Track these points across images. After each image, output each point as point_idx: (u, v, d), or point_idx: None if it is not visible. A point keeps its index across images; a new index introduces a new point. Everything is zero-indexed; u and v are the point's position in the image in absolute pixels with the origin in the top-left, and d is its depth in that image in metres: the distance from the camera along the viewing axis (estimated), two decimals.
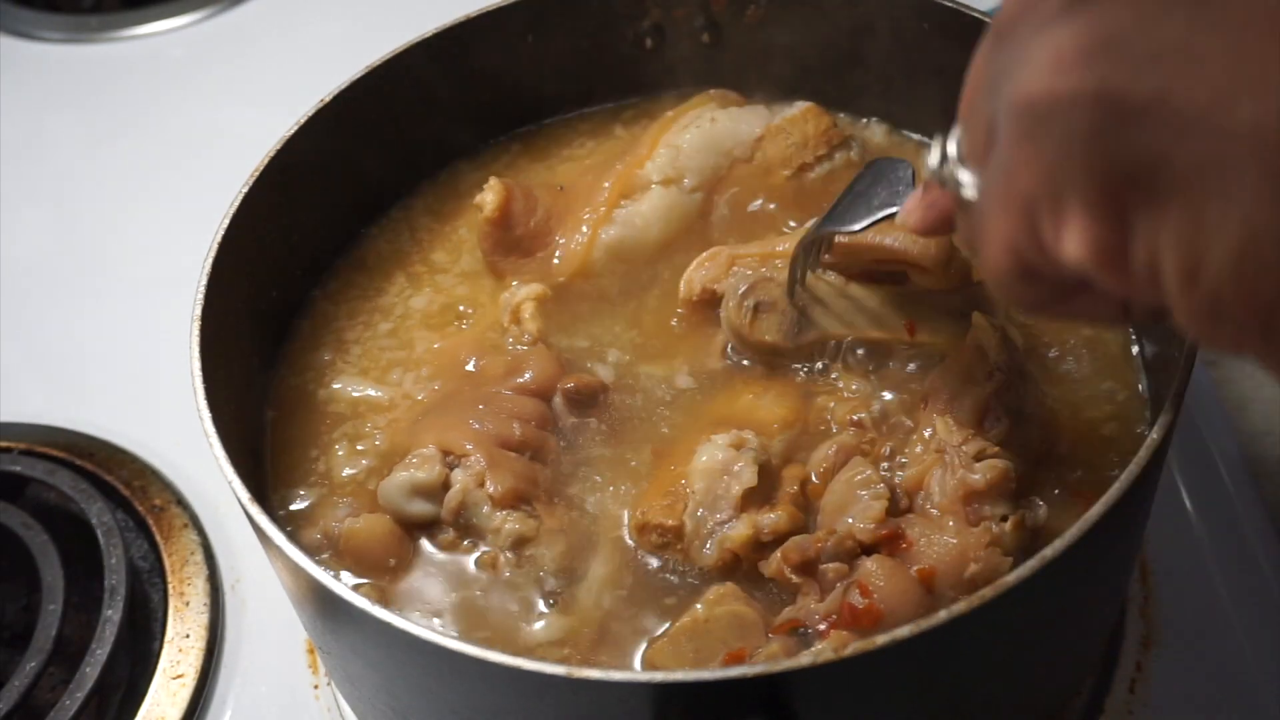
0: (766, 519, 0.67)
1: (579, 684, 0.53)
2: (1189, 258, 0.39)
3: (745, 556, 0.67)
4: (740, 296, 0.74)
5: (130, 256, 1.13)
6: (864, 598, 0.63)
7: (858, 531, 0.65)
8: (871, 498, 0.66)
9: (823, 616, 0.64)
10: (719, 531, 0.67)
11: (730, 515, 0.67)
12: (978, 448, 0.66)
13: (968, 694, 0.63)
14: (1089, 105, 0.39)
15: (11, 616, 0.89)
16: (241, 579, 0.90)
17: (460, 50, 0.88)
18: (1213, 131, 0.37)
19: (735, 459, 0.68)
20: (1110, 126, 0.39)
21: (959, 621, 0.53)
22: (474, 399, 0.75)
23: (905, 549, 0.65)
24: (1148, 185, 0.39)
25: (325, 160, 0.83)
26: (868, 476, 0.67)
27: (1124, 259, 0.41)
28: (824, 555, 0.65)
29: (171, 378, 0.89)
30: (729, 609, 0.65)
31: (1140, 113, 0.38)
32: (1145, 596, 0.84)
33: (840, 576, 0.64)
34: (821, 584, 0.65)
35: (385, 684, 0.65)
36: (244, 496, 0.62)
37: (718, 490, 0.68)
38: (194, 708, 0.83)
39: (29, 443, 0.96)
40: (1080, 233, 0.41)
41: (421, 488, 0.70)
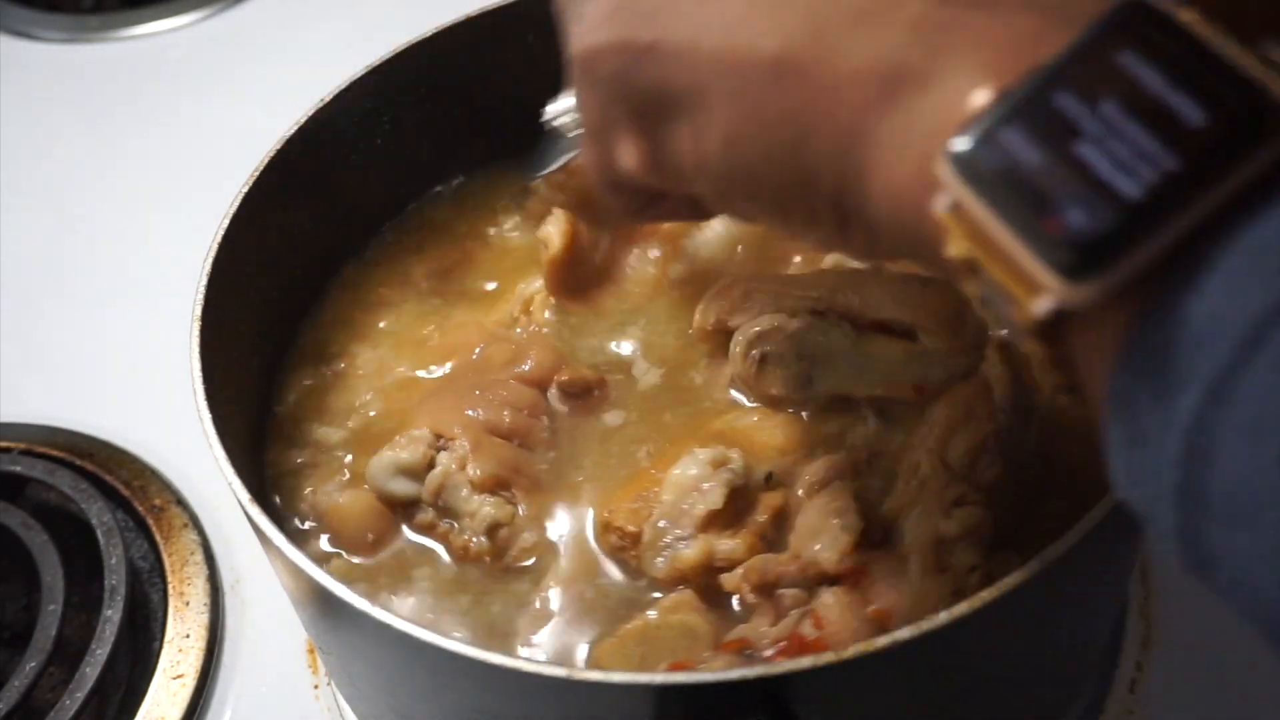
0: (724, 545, 0.65)
1: (579, 685, 0.53)
2: (696, 156, 0.51)
3: (693, 578, 0.66)
4: (747, 345, 0.71)
5: (130, 256, 1.13)
6: (815, 630, 0.61)
7: (823, 560, 0.63)
8: (842, 528, 0.64)
9: (772, 641, 0.63)
10: (675, 547, 0.66)
11: (690, 533, 0.66)
12: (958, 492, 0.63)
13: (968, 694, 0.63)
14: (612, 52, 0.52)
15: (11, 616, 0.89)
16: (241, 579, 0.90)
17: (460, 50, 0.88)
18: (692, 62, 0.49)
19: (709, 477, 0.67)
20: (628, 66, 0.52)
21: (960, 622, 0.53)
22: (472, 384, 0.76)
23: (867, 585, 0.63)
24: (661, 107, 0.51)
25: (326, 160, 0.83)
26: (843, 505, 0.65)
27: (660, 165, 0.54)
28: (785, 580, 0.64)
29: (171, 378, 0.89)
30: (682, 618, 0.65)
31: (646, 53, 0.51)
32: (1145, 596, 0.84)
33: (797, 604, 0.63)
34: (778, 608, 0.63)
35: (385, 684, 0.65)
36: (244, 497, 0.62)
37: (684, 505, 0.67)
38: (194, 708, 0.83)
39: (29, 443, 0.96)
40: (629, 150, 0.55)
41: (405, 468, 0.71)
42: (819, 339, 0.70)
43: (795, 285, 0.72)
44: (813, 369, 0.70)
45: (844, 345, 0.69)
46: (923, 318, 0.67)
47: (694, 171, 0.52)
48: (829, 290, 0.70)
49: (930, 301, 0.68)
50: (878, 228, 0.46)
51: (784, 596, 0.63)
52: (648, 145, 0.54)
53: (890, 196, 0.44)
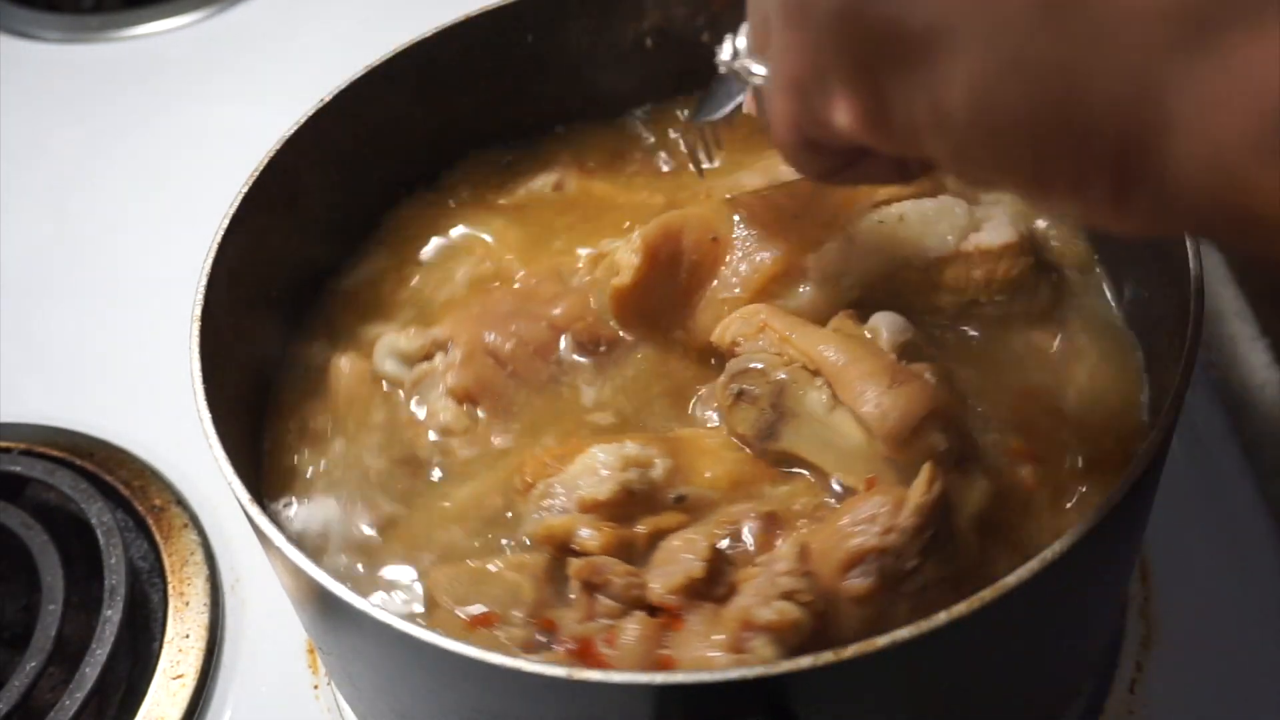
0: (585, 532, 0.66)
1: (579, 685, 0.53)
2: (934, 111, 0.44)
3: (550, 547, 0.67)
4: (729, 378, 0.72)
5: (130, 256, 1.13)
6: (606, 647, 0.63)
7: (651, 590, 0.64)
8: (684, 566, 0.64)
9: (569, 637, 0.64)
10: (549, 512, 0.68)
11: (568, 507, 0.68)
12: (791, 586, 0.61)
13: (968, 695, 0.63)
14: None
15: (11, 616, 0.89)
16: (241, 579, 0.90)
17: (460, 50, 0.88)
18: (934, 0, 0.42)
19: (614, 469, 0.68)
20: (852, 7, 0.44)
21: (959, 623, 0.53)
22: (504, 307, 0.80)
23: (675, 629, 0.63)
24: (891, 54, 0.44)
25: (326, 160, 0.83)
26: (700, 546, 0.64)
27: (886, 122, 0.46)
28: (610, 588, 0.64)
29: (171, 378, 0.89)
30: (516, 578, 0.67)
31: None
32: (1145, 596, 0.84)
33: (609, 615, 0.64)
34: (591, 609, 0.64)
35: (385, 684, 0.65)
36: (244, 497, 0.62)
37: (579, 481, 0.68)
38: (194, 708, 0.83)
39: (29, 443, 0.96)
40: (845, 103, 0.47)
41: (400, 353, 0.78)
42: (795, 397, 0.69)
43: (806, 337, 0.71)
44: (779, 423, 0.70)
45: (816, 413, 0.69)
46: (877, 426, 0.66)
47: (930, 131, 0.45)
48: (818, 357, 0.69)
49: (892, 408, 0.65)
50: (1177, 194, 0.38)
51: (601, 602, 0.64)
52: (869, 99, 0.46)
53: (1206, 158, 0.37)
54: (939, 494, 0.62)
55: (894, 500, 0.62)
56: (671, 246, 0.77)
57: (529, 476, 0.70)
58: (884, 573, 0.61)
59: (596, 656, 0.62)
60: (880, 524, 0.62)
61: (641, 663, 0.61)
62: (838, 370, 0.68)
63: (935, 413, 0.66)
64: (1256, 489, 0.90)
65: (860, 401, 0.67)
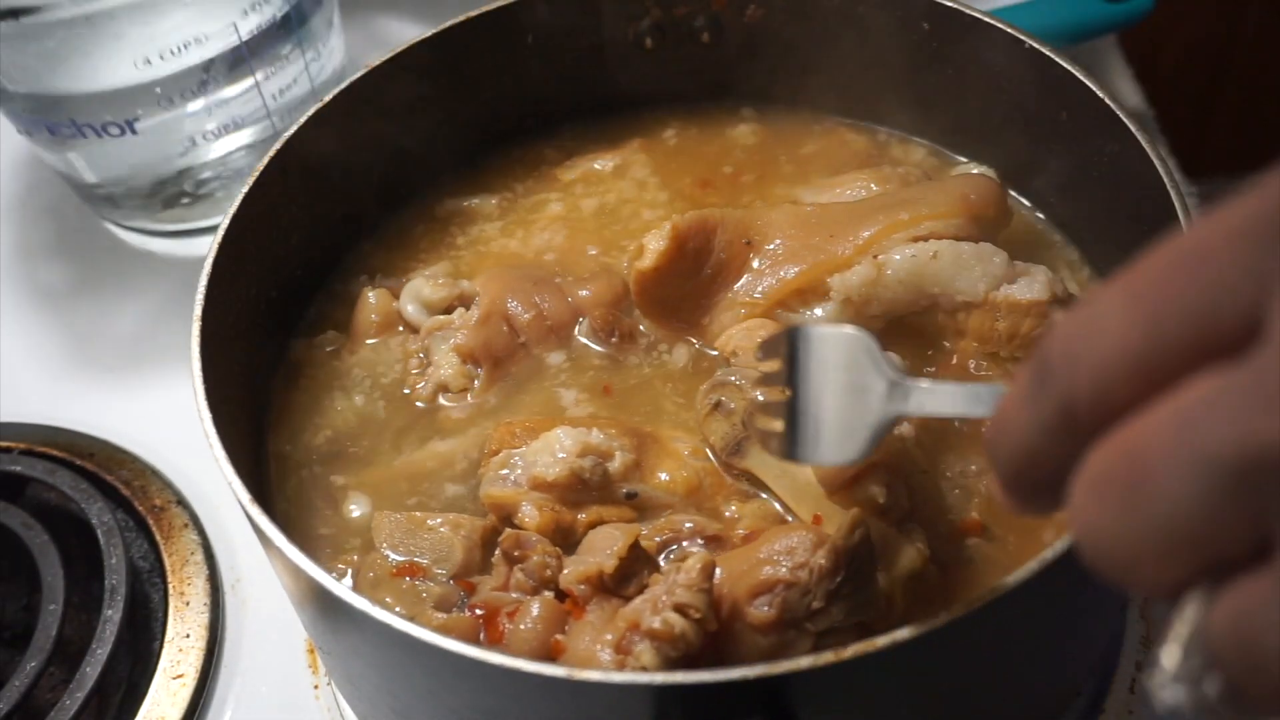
0: (528, 510, 0.68)
1: (578, 685, 0.53)
2: None
3: (494, 514, 0.70)
4: (709, 388, 0.73)
5: (130, 255, 1.13)
6: (508, 621, 0.64)
7: (562, 575, 0.65)
8: (598, 558, 0.65)
9: (479, 604, 0.66)
10: (499, 483, 0.70)
11: (515, 476, 0.70)
12: (686, 600, 0.60)
13: (967, 695, 0.63)
14: None
15: (11, 616, 0.89)
16: (241, 579, 0.90)
17: (460, 50, 0.88)
18: None
19: (571, 454, 0.69)
20: None
21: (959, 623, 0.53)
22: (539, 276, 0.82)
23: (576, 618, 0.64)
24: None
25: (325, 160, 0.83)
26: (619, 542, 0.65)
27: None
28: (524, 564, 0.66)
29: (171, 378, 0.89)
30: (450, 535, 0.69)
31: None
32: (1145, 596, 0.84)
33: (520, 590, 0.66)
34: (506, 582, 0.67)
35: (385, 684, 0.65)
36: (244, 497, 0.62)
37: (536, 458, 0.70)
38: (194, 708, 0.83)
39: (29, 443, 0.96)
40: None
41: (424, 299, 0.81)
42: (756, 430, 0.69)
43: None
44: (747, 442, 0.71)
45: None
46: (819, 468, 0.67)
47: None
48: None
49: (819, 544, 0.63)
50: None
51: (517, 576, 0.66)
52: None
53: None
54: (858, 542, 0.61)
55: (815, 539, 0.62)
56: (702, 240, 0.77)
57: (494, 444, 0.72)
58: (786, 605, 0.61)
59: (496, 627, 0.64)
60: (794, 559, 0.62)
61: (534, 643, 0.63)
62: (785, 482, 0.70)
63: (878, 465, 0.67)
64: None
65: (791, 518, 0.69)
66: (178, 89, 0.98)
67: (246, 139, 1.05)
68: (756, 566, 0.62)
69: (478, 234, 0.90)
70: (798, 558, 0.61)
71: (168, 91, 0.97)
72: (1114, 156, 0.75)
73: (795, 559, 0.61)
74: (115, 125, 0.98)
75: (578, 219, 0.89)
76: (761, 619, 0.61)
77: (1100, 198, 0.79)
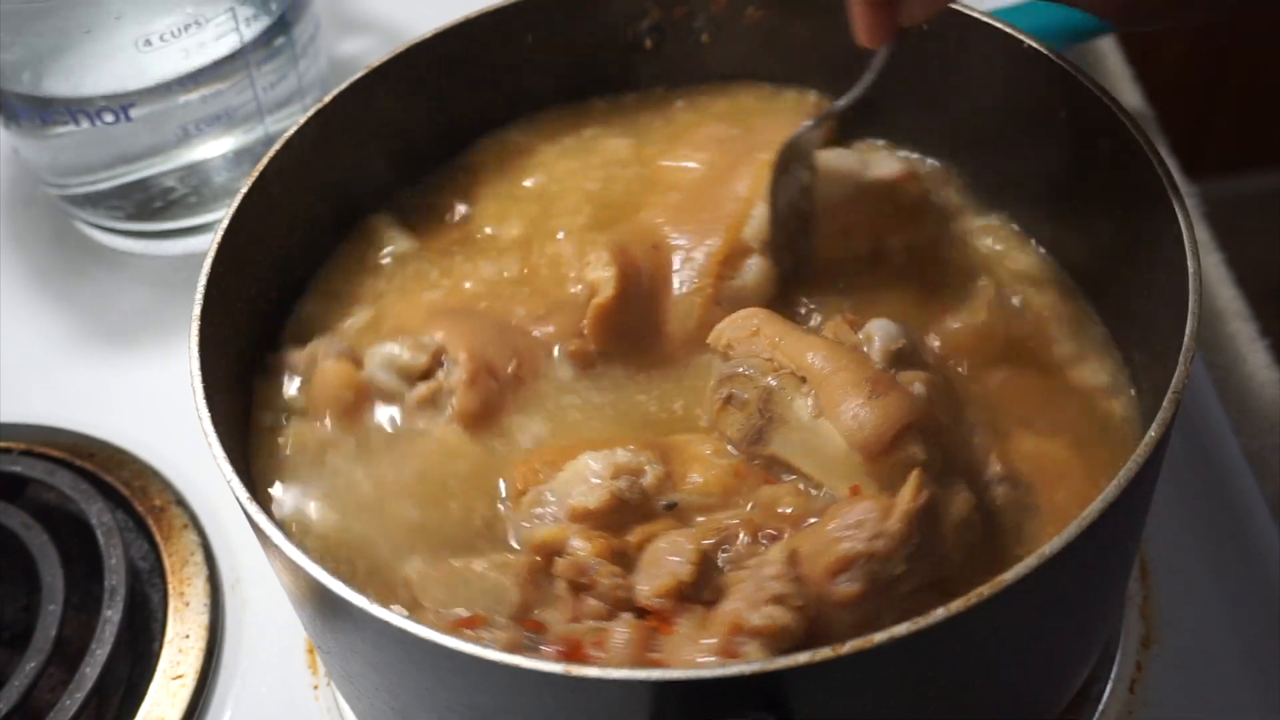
0: (577, 542, 0.66)
1: (577, 682, 0.53)
2: None
3: (539, 555, 0.67)
4: (719, 382, 0.73)
5: (130, 255, 1.13)
6: (596, 649, 0.63)
7: (638, 591, 0.64)
8: (670, 570, 0.64)
9: (557, 639, 0.64)
10: (540, 520, 0.68)
11: (559, 515, 0.68)
12: (782, 592, 0.61)
13: (966, 693, 0.63)
14: None
15: (11, 616, 0.89)
16: (241, 579, 0.90)
17: (459, 51, 0.88)
18: None
19: (605, 477, 0.68)
20: None
21: (957, 619, 0.53)
22: (496, 321, 0.79)
23: (665, 632, 0.63)
24: None
25: (325, 160, 0.83)
26: (686, 548, 0.65)
27: None
28: (596, 589, 0.64)
29: (171, 378, 0.89)
30: (500, 579, 0.66)
31: None
32: (1145, 596, 0.84)
33: (596, 616, 0.64)
34: (578, 610, 0.65)
35: (385, 684, 0.65)
36: (243, 496, 0.62)
37: (569, 489, 0.68)
38: (194, 708, 0.83)
39: (29, 443, 0.96)
40: None
41: (400, 367, 0.76)
42: (783, 403, 0.70)
43: (795, 343, 0.71)
44: (767, 428, 0.70)
45: (803, 419, 0.69)
46: (856, 440, 0.66)
47: None
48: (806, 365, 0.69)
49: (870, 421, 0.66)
50: None
51: (589, 602, 0.64)
52: None
53: None
54: (926, 502, 0.63)
55: (881, 507, 0.63)
56: (629, 260, 0.78)
57: (519, 483, 0.70)
58: (872, 577, 0.61)
59: (586, 659, 0.62)
60: (868, 530, 0.62)
61: (632, 666, 0.61)
62: (822, 378, 0.69)
63: (913, 425, 0.67)
64: (1256, 489, 0.90)
65: (839, 412, 0.67)
66: (175, 75, 0.98)
67: (232, 143, 1.05)
68: (831, 545, 0.62)
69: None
70: (870, 528, 0.62)
71: (164, 77, 0.97)
72: (1114, 156, 0.75)
73: (868, 530, 0.62)
74: (110, 111, 0.98)
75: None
76: (848, 595, 0.61)
77: (1100, 198, 0.79)
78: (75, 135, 1.01)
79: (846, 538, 0.62)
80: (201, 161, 1.05)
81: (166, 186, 1.06)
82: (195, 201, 1.07)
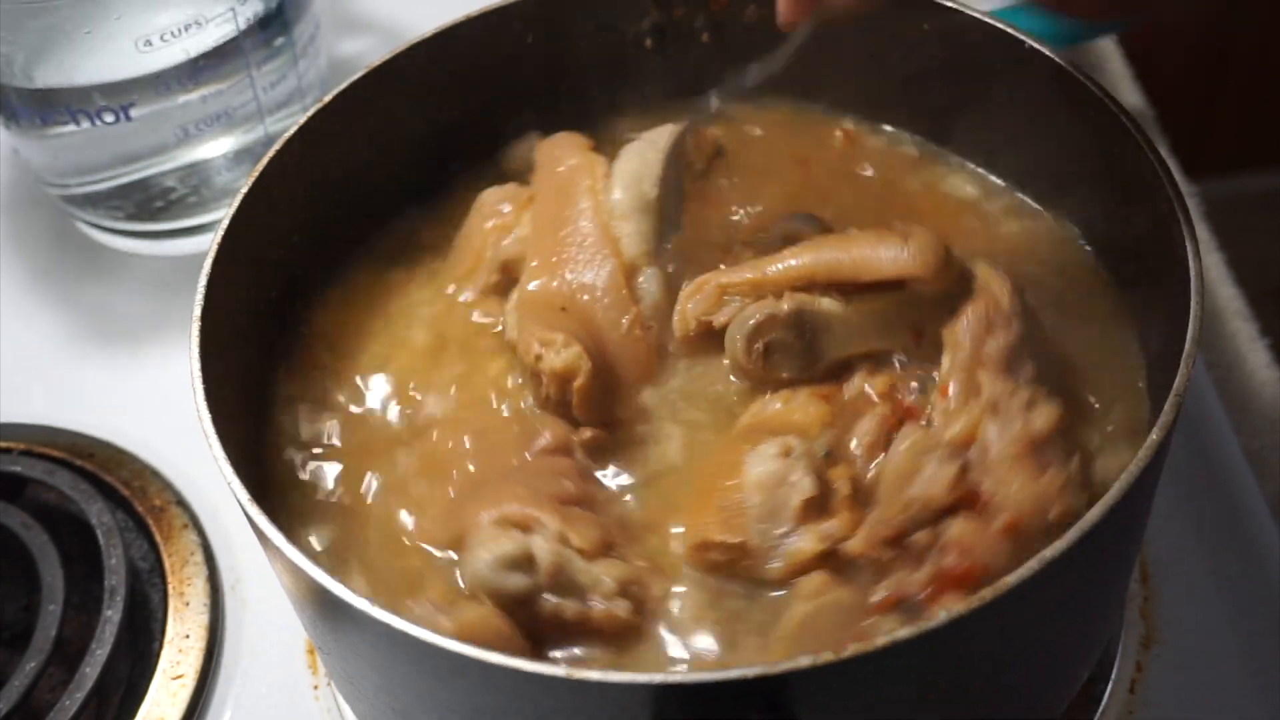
0: (829, 526, 0.66)
1: (578, 685, 0.53)
2: None
3: (812, 567, 0.66)
4: (748, 341, 0.72)
5: (130, 255, 1.13)
6: (961, 560, 0.63)
7: (934, 498, 0.65)
8: (939, 462, 0.66)
9: (922, 586, 0.64)
10: (786, 544, 0.66)
11: (792, 526, 0.66)
12: (1027, 395, 0.66)
13: (967, 694, 0.63)
14: None
15: (11, 616, 0.89)
16: (241, 579, 0.90)
17: (459, 51, 0.88)
18: None
19: (790, 468, 0.67)
20: None
21: (958, 622, 0.53)
22: (506, 473, 0.71)
23: (983, 505, 0.65)
24: None
25: (325, 160, 0.83)
26: (926, 442, 0.67)
27: None
28: (909, 527, 0.65)
29: (171, 378, 0.89)
30: (829, 598, 0.65)
31: None
32: (1145, 596, 0.84)
33: (929, 544, 0.64)
34: (913, 556, 0.65)
35: (385, 684, 0.65)
36: (243, 496, 0.62)
37: (775, 502, 0.66)
38: (194, 708, 0.83)
39: (29, 443, 0.96)
40: None
41: (511, 561, 0.65)
42: (814, 313, 0.72)
43: (770, 269, 0.73)
44: (816, 340, 0.72)
45: (838, 311, 0.72)
46: (917, 268, 0.71)
47: None
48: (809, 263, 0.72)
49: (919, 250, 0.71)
50: None
51: (913, 544, 0.65)
52: None
53: None
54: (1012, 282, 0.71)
55: (988, 303, 0.69)
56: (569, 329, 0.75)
57: (730, 538, 0.66)
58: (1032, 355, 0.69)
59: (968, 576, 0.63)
60: (999, 322, 0.69)
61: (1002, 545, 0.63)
62: (841, 264, 0.72)
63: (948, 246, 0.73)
64: (1256, 489, 0.90)
65: (890, 265, 0.71)
66: (174, 75, 0.98)
67: (232, 143, 1.05)
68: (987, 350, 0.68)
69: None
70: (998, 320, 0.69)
71: (164, 77, 0.97)
72: (1114, 156, 0.75)
73: (999, 319, 0.69)
74: (110, 111, 0.98)
75: None
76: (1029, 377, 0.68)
77: (1100, 198, 0.79)
78: (75, 135, 1.00)
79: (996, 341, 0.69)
80: (201, 161, 1.05)
81: (167, 186, 1.06)
82: (195, 201, 1.07)
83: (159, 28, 0.95)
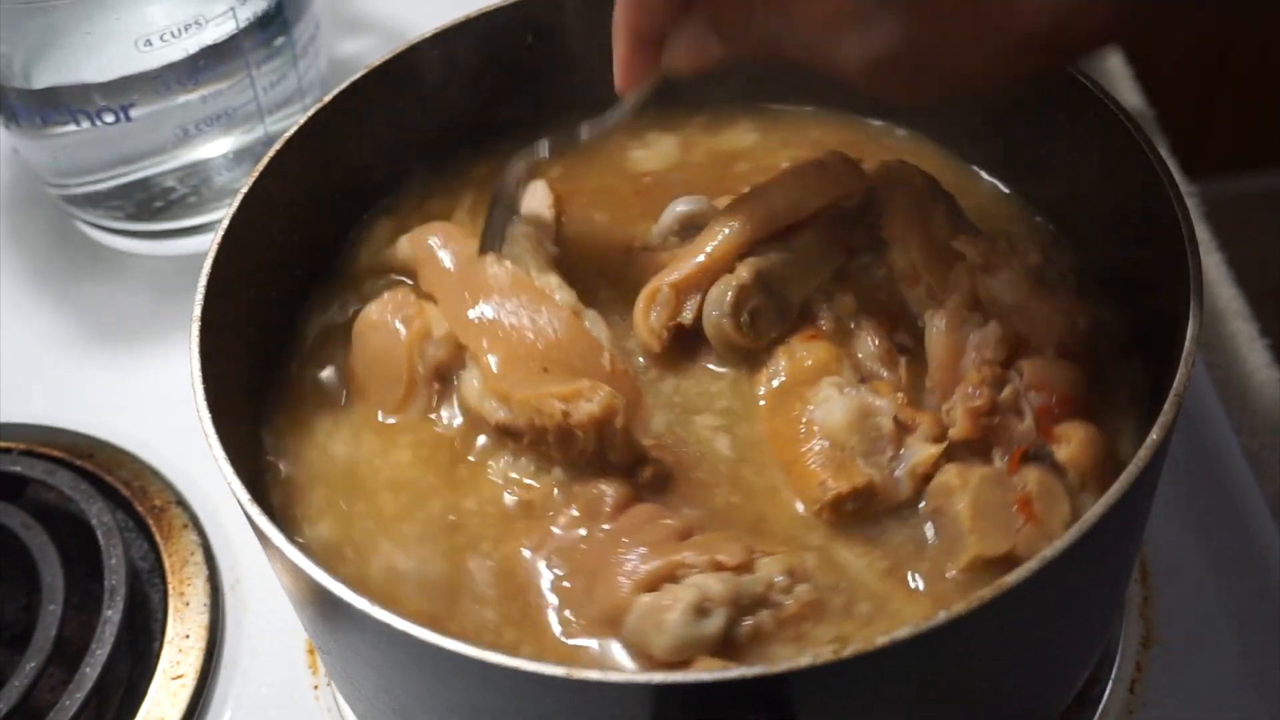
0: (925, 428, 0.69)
1: (578, 685, 0.53)
2: None
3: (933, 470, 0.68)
4: (733, 319, 0.74)
5: (130, 255, 1.13)
6: (1047, 395, 0.68)
7: (993, 358, 0.69)
8: (977, 326, 0.70)
9: (1033, 432, 0.67)
10: (901, 464, 0.69)
11: (895, 447, 0.69)
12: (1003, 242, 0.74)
13: (966, 694, 0.63)
14: None
15: (11, 616, 0.89)
16: (241, 579, 0.90)
17: (460, 51, 0.88)
18: None
19: (861, 400, 0.70)
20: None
21: (958, 622, 0.53)
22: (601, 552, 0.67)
23: (1027, 343, 0.70)
24: None
25: (326, 160, 0.83)
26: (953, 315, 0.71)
27: None
28: (993, 392, 0.68)
29: (171, 378, 0.89)
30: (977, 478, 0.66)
31: None
32: (1145, 596, 0.84)
33: (1015, 394, 0.68)
34: (1007, 411, 0.68)
35: (385, 684, 0.65)
36: (243, 496, 0.62)
37: (871, 433, 0.69)
38: (194, 708, 0.83)
39: (29, 443, 0.96)
40: None
41: (694, 609, 0.62)
42: (769, 270, 0.75)
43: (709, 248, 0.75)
44: (783, 296, 0.75)
45: (787, 258, 0.75)
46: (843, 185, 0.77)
47: None
48: (746, 228, 0.75)
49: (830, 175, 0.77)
50: None
51: (1002, 403, 0.68)
52: None
53: None
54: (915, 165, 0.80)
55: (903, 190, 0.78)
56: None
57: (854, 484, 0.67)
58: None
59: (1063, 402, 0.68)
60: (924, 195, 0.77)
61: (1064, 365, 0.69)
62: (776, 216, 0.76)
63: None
64: (1256, 489, 0.90)
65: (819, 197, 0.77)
66: (174, 74, 0.98)
67: (232, 143, 1.05)
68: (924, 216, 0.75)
69: None
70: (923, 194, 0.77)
71: (164, 77, 0.97)
72: (1114, 156, 0.75)
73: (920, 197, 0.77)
74: (110, 111, 0.98)
75: None
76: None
77: (1100, 198, 0.79)
78: (75, 135, 1.00)
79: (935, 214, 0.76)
80: (201, 161, 1.05)
81: (167, 186, 1.06)
82: (195, 201, 1.07)
83: (159, 27, 0.95)
